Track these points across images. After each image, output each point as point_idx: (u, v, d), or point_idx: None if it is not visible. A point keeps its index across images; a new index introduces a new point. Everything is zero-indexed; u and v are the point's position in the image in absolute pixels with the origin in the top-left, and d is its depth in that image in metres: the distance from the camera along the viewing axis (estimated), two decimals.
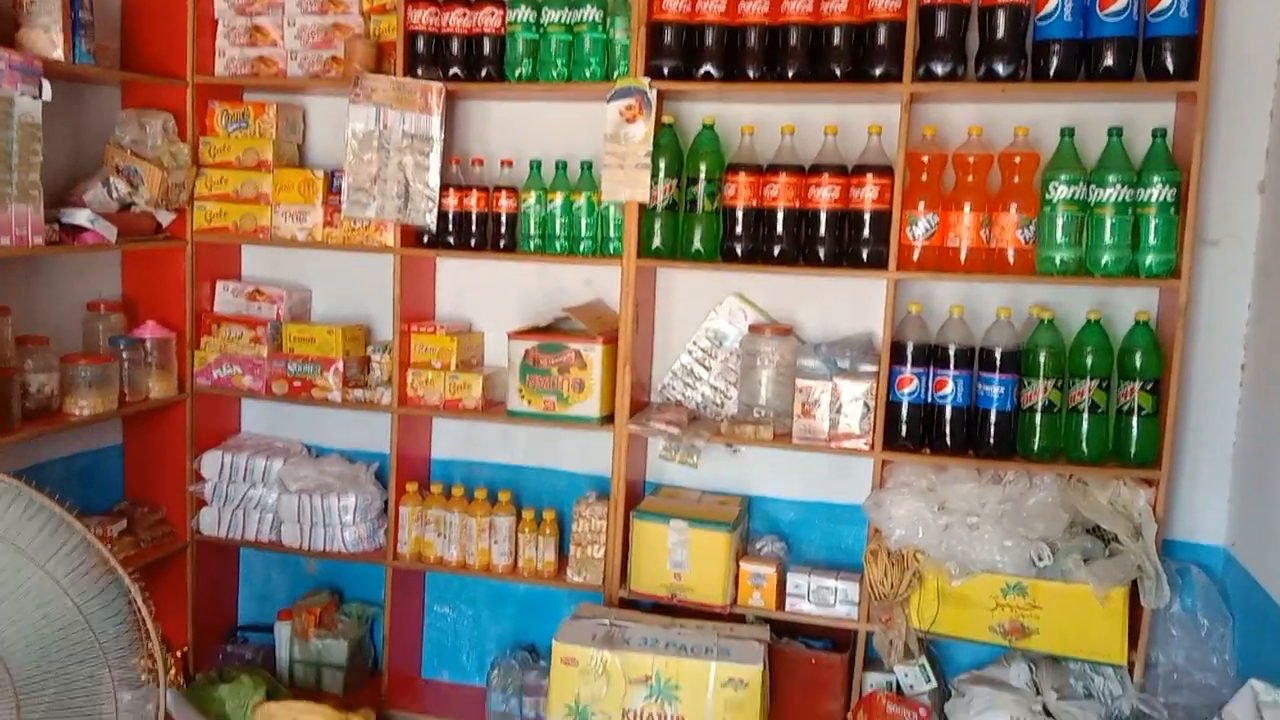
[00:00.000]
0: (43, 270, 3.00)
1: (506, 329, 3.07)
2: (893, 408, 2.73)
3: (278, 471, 3.27)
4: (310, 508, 3.21)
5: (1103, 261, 2.56)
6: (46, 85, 2.60)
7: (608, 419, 2.97)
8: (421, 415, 3.18)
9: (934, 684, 2.77)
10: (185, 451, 3.29)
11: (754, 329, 2.98)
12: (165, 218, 3.17)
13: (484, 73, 2.96)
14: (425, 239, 3.08)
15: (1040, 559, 2.55)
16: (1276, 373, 2.50)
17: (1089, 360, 2.62)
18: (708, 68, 2.76)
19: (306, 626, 3.27)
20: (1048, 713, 2.57)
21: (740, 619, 2.86)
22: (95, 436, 3.24)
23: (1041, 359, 2.63)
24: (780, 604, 2.87)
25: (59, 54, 2.70)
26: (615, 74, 2.84)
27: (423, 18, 2.94)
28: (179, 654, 3.27)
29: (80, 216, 2.83)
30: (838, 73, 2.68)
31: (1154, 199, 2.52)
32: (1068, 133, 2.60)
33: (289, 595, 3.46)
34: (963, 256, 2.66)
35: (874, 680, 2.82)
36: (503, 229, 3.03)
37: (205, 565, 3.37)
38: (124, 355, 3.06)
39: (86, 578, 2.20)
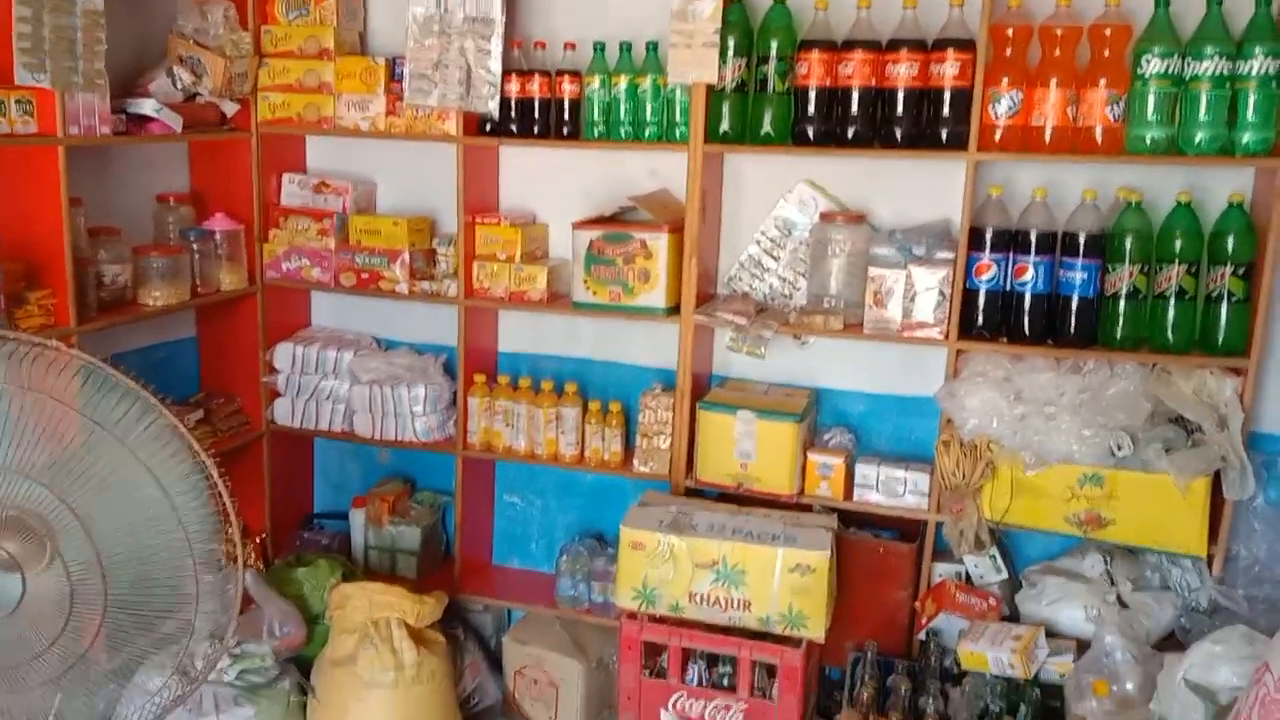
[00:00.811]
0: (112, 161, 3.02)
1: (571, 220, 3.03)
2: (969, 296, 2.65)
3: (348, 363, 3.31)
4: (381, 398, 3.24)
5: (1196, 140, 2.43)
6: None
7: (674, 310, 2.93)
8: (487, 307, 3.18)
9: (1005, 575, 2.74)
10: (257, 344, 3.34)
11: (825, 216, 2.90)
12: (230, 109, 3.15)
13: None
14: (488, 127, 3.03)
15: (1120, 449, 2.48)
16: None
17: (1177, 244, 2.51)
18: None
19: (380, 514, 3.35)
20: (1122, 603, 2.53)
21: (807, 508, 2.85)
22: (169, 328, 3.30)
23: (1128, 243, 2.52)
24: (848, 494, 2.85)
25: None
26: None
27: None
28: (258, 540, 3.40)
29: (146, 106, 2.83)
30: None
31: (1254, 72, 2.37)
32: (1163, 2, 2.44)
33: (363, 484, 3.53)
34: (1047, 136, 2.54)
35: (942, 570, 2.81)
36: (566, 115, 2.97)
37: (280, 455, 3.44)
38: (194, 247, 3.09)
39: (171, 460, 2.24)
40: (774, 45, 2.71)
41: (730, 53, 2.73)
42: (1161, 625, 2.50)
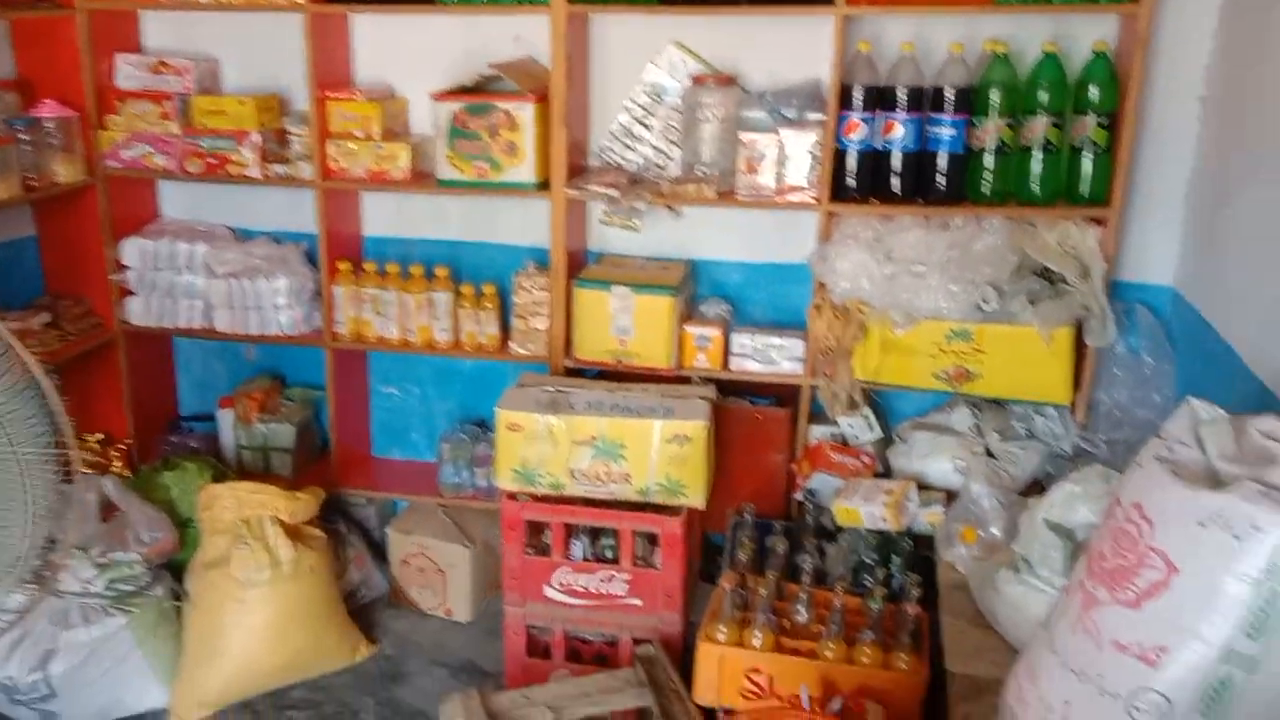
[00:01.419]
0: None
1: (431, 92, 2.87)
2: (840, 157, 2.61)
3: (202, 256, 3.13)
4: (240, 292, 3.09)
5: None
6: None
7: (544, 185, 2.83)
8: (347, 189, 3.02)
9: (878, 433, 2.78)
10: (102, 239, 3.13)
11: (696, 80, 2.80)
12: None
13: None
14: None
15: (986, 302, 2.50)
16: (1237, 104, 2.39)
17: (1043, 96, 2.49)
18: None
19: (249, 412, 3.22)
20: (990, 454, 2.59)
21: (686, 381, 2.83)
22: (4, 227, 3.06)
23: (994, 97, 2.50)
24: (725, 364, 2.84)
25: None
26: None
27: None
28: (123, 446, 3.25)
29: None
30: None
31: None
32: None
33: (231, 383, 3.39)
34: None
35: (819, 433, 2.83)
36: None
37: (138, 356, 3.27)
38: (22, 137, 2.85)
39: None
40: None
41: None
42: (1027, 473, 2.57)
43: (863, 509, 2.50)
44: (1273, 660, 1.35)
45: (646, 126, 2.93)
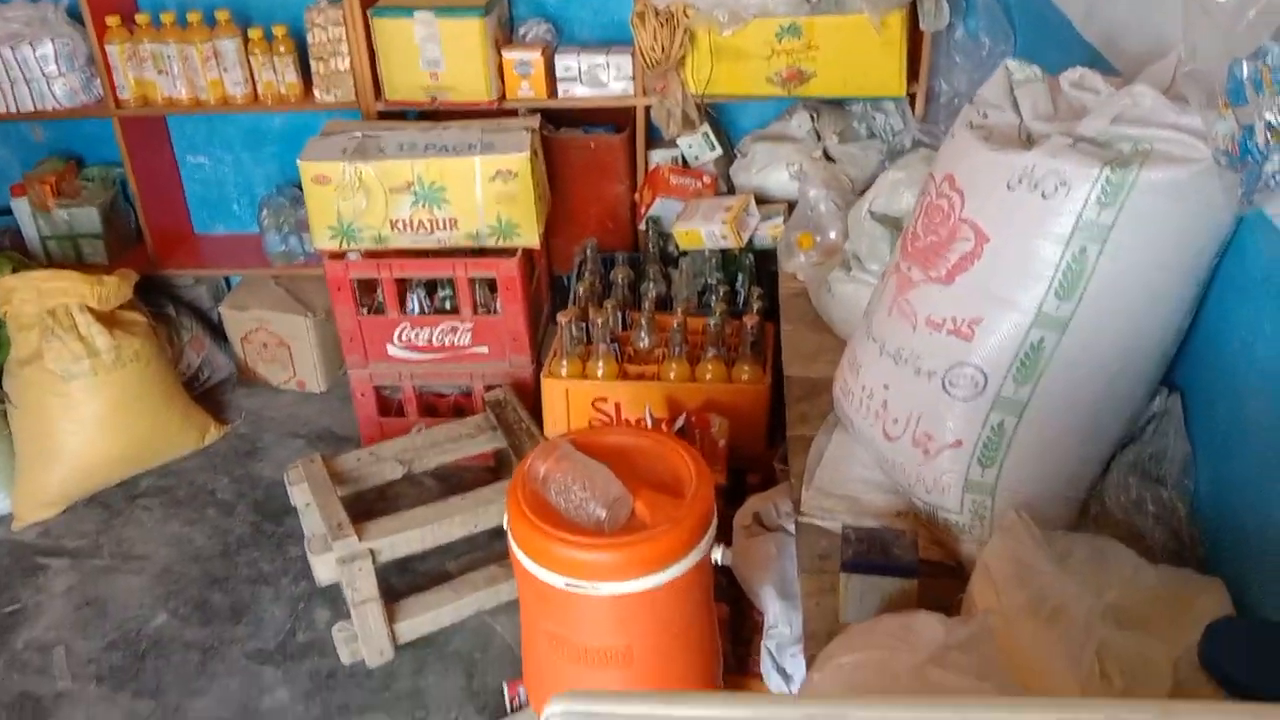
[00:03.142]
0: None
1: None
2: None
3: None
4: (3, 63, 2.71)
5: None
6: None
7: None
8: None
9: (719, 151, 2.65)
10: None
11: None
12: None
13: None
14: None
15: None
16: None
17: None
18: None
19: (44, 198, 2.93)
20: (830, 158, 2.49)
21: (512, 114, 2.62)
22: None
23: None
24: (552, 92, 2.63)
25: None
26: None
27: None
28: None
29: None
30: None
31: None
32: None
33: (20, 169, 3.06)
34: None
35: (659, 157, 2.69)
36: None
37: None
38: None
39: None
40: None
41: None
42: (868, 173, 2.48)
43: (703, 229, 2.41)
44: (1081, 319, 1.33)
45: None
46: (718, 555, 1.38)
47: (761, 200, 2.51)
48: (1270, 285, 1.23)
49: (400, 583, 2.28)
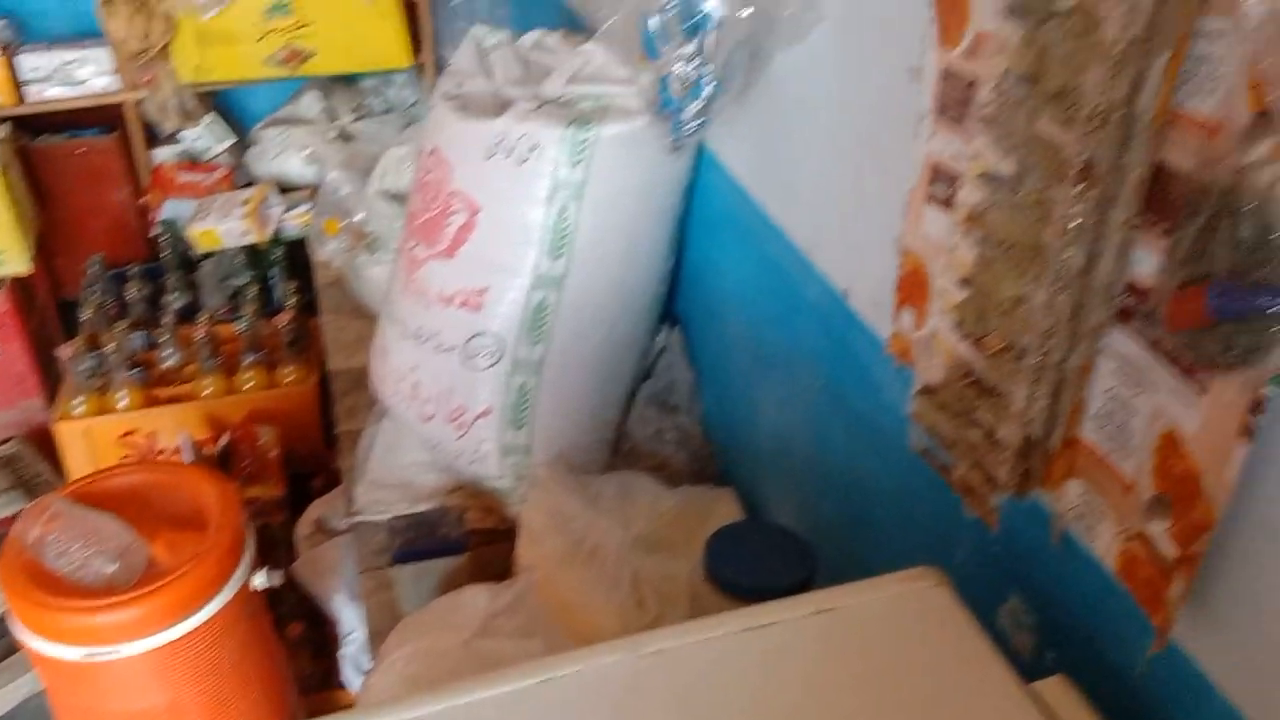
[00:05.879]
0: None
1: None
2: None
3: None
4: None
5: None
6: None
7: None
8: None
9: (232, 139, 2.47)
10: None
11: None
12: None
13: None
14: None
15: None
16: None
17: None
18: None
19: None
20: (348, 137, 2.41)
21: None
22: None
23: None
24: (20, 97, 2.31)
25: None
26: None
27: None
28: None
29: None
30: None
31: None
32: None
33: None
34: None
35: (164, 155, 2.46)
36: None
37: None
38: None
39: None
40: None
41: None
42: (389, 149, 2.44)
43: (220, 228, 2.25)
44: (575, 274, 1.38)
45: None
46: (259, 580, 1.29)
47: (286, 188, 2.39)
48: (729, 221, 1.35)
49: None
